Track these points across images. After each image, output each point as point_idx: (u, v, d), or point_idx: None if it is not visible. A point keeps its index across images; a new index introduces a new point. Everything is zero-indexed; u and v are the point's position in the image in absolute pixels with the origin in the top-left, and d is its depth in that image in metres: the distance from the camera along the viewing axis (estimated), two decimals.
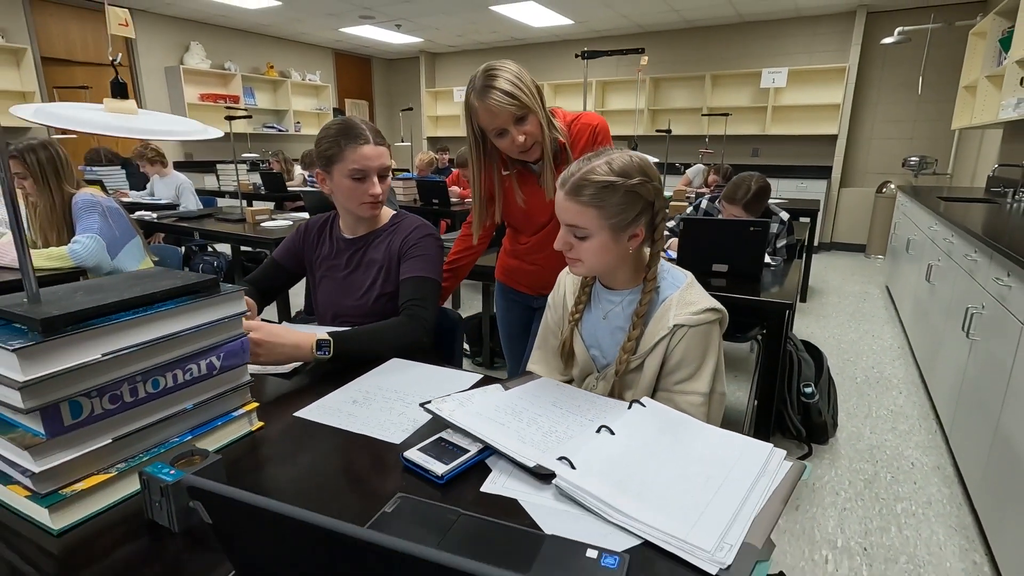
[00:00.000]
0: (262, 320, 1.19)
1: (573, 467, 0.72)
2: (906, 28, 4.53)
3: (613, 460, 0.74)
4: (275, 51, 7.39)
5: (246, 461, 0.80)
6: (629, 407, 0.89)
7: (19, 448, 0.62)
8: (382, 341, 1.16)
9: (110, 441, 0.68)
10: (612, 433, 0.80)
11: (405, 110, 6.53)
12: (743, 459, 0.75)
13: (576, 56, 2.41)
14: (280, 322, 1.33)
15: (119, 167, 4.62)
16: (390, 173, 1.33)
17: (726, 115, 4.96)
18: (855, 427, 2.42)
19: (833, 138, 6.11)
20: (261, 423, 0.88)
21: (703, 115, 5.80)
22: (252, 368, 0.93)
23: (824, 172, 6.17)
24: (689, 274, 1.04)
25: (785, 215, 2.38)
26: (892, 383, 2.88)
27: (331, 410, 0.93)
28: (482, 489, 0.72)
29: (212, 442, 0.81)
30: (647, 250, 1.04)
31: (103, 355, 0.66)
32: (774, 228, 2.32)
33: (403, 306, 1.26)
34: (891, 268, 4.58)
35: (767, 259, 2.08)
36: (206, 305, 0.78)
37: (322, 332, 1.09)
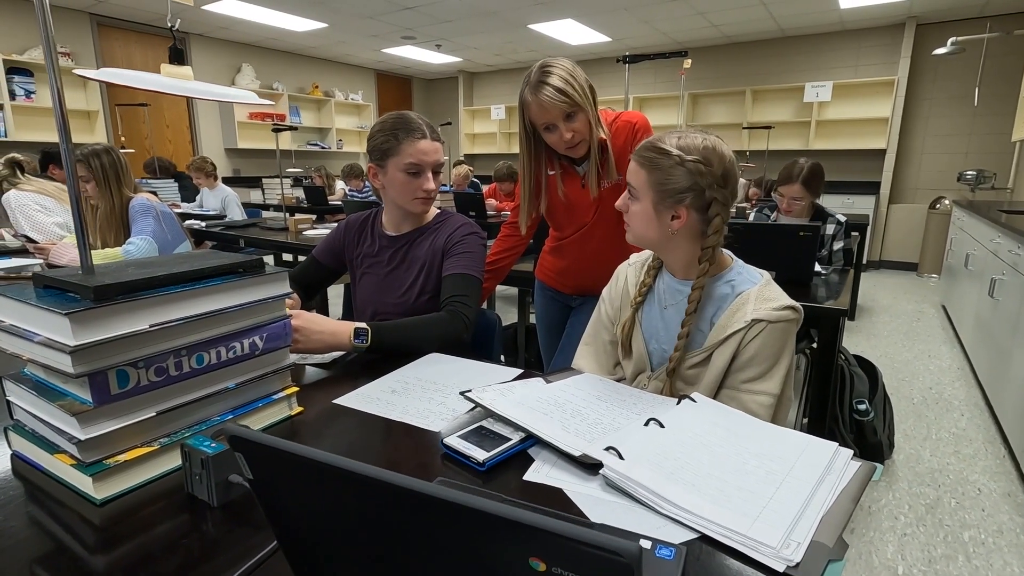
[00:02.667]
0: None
1: (621, 457, 0.68)
2: (960, 38, 4.36)
3: (664, 451, 0.70)
4: (320, 72, 7.66)
5: None
6: (678, 403, 0.84)
7: (67, 415, 0.63)
8: (422, 335, 1.15)
9: (154, 414, 0.68)
10: (662, 426, 0.76)
11: (444, 124, 6.64)
12: (806, 456, 0.70)
13: (617, 61, 2.39)
14: None
15: (172, 179, 4.85)
16: (442, 170, 1.33)
17: (768, 128, 4.84)
18: (913, 449, 2.27)
19: (881, 153, 5.89)
20: (300, 408, 0.87)
21: (744, 128, 5.68)
22: (291, 356, 0.92)
23: (872, 188, 5.94)
24: (766, 273, 1.00)
25: (842, 217, 2.28)
26: (953, 405, 2.70)
27: (369, 398, 0.92)
28: (525, 478, 0.69)
29: (252, 423, 0.80)
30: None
31: (151, 326, 0.66)
32: (830, 230, 2.22)
33: (444, 302, 1.24)
34: (947, 286, 4.34)
35: (817, 267, 1.99)
36: (251, 284, 0.78)
37: (361, 323, 1.08)
